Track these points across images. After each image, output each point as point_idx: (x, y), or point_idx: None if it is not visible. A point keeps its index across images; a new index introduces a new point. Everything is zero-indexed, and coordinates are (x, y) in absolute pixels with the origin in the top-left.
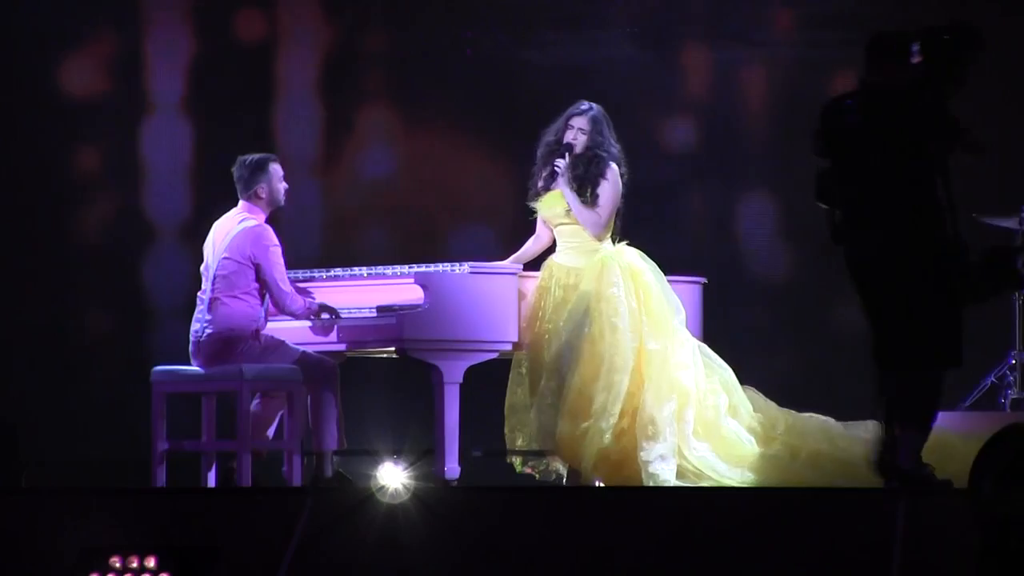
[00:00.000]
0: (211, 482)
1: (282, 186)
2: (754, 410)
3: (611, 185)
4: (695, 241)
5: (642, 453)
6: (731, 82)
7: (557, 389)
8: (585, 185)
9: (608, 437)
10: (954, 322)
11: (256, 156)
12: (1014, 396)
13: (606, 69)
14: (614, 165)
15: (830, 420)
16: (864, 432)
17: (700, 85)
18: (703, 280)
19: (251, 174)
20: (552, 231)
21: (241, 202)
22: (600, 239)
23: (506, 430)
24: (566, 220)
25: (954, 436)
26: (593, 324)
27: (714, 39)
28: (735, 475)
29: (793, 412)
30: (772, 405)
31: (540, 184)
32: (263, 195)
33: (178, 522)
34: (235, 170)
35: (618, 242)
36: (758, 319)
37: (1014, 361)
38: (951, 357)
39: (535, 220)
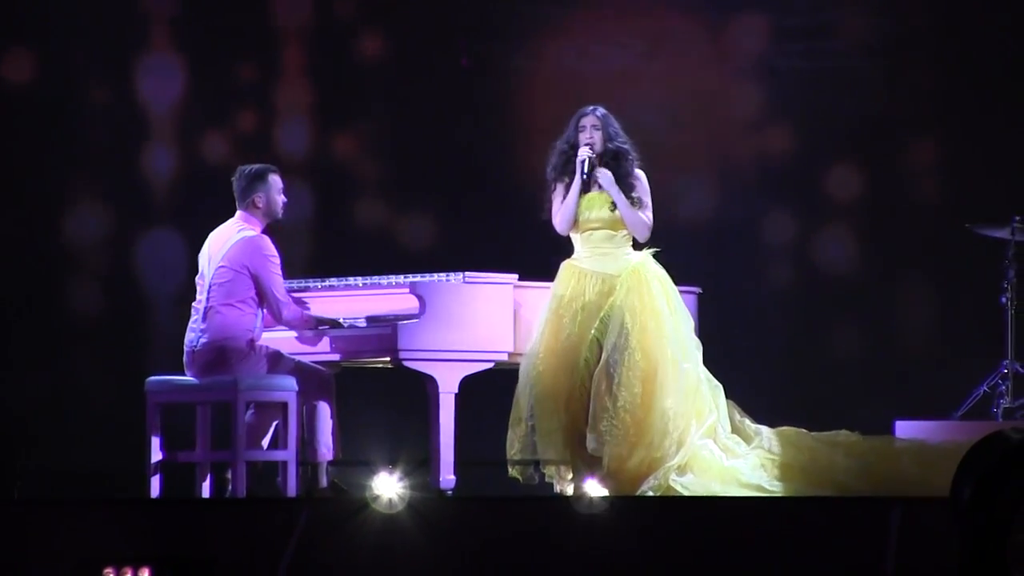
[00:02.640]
0: (206, 493)
1: (280, 198)
2: (731, 430)
3: (645, 185)
4: (691, 250)
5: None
6: (730, 92)
7: (597, 402)
8: (624, 186)
9: (664, 459)
10: None
11: (256, 166)
12: (1006, 405)
13: (601, 79)
14: (639, 171)
15: (802, 431)
16: (833, 438)
17: (697, 95)
18: (698, 290)
19: (249, 183)
20: (577, 235)
21: (238, 212)
22: (641, 240)
23: (508, 436)
24: (598, 224)
25: (945, 445)
26: (638, 339)
27: (713, 50)
28: (700, 487)
29: (767, 428)
30: (747, 421)
31: (560, 193)
32: (260, 205)
33: (172, 533)
34: (234, 180)
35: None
36: (748, 330)
37: (1006, 371)
38: None
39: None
